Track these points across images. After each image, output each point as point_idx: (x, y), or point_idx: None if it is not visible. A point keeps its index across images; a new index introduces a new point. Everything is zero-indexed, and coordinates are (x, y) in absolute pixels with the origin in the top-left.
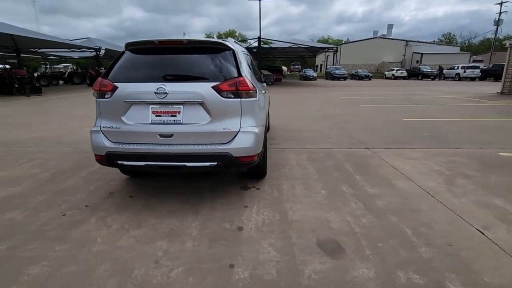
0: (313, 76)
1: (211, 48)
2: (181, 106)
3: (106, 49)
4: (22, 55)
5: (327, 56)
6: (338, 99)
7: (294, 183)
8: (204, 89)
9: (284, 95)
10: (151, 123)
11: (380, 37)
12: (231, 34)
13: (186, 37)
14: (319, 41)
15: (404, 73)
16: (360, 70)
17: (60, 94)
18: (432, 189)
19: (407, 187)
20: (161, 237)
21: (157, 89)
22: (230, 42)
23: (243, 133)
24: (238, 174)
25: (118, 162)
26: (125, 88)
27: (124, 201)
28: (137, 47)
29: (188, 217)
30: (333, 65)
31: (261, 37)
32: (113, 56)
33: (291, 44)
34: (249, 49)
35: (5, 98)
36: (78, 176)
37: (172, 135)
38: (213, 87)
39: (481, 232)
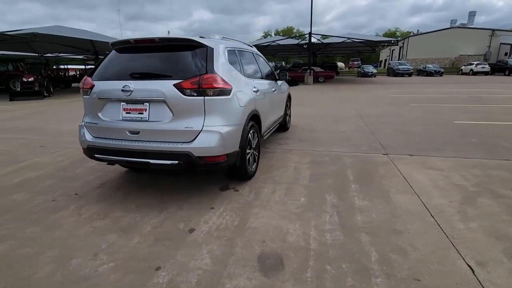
0: (372, 72)
1: (184, 45)
2: (148, 104)
3: None
4: (99, 56)
5: (392, 50)
6: (388, 97)
7: (277, 187)
8: (165, 87)
9: (327, 94)
10: (122, 120)
11: (458, 27)
12: (289, 31)
13: (169, 35)
14: (385, 34)
15: (486, 68)
16: (430, 65)
17: None
18: (437, 208)
19: (405, 203)
20: (116, 231)
21: (123, 87)
22: (206, 40)
23: (205, 132)
24: (226, 174)
25: (95, 155)
26: (99, 86)
27: (108, 192)
28: (119, 47)
29: (152, 214)
30: (398, 59)
31: (315, 33)
32: None
33: (345, 39)
34: (299, 45)
35: None
36: (86, 166)
37: (139, 132)
38: (174, 85)
39: (471, 269)
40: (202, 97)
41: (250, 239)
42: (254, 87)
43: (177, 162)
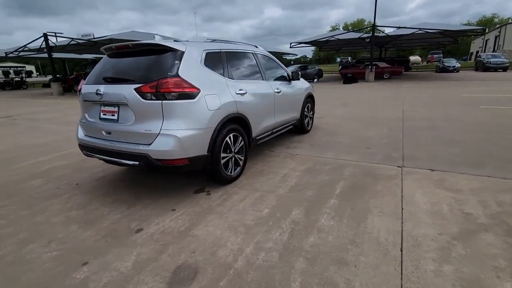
0: (453, 66)
1: (156, 50)
2: (118, 107)
3: None
4: None
5: (485, 40)
6: (456, 97)
7: (250, 195)
8: (127, 91)
9: (383, 92)
10: (100, 121)
11: None
12: (359, 23)
13: (155, 40)
14: (479, 22)
15: None
16: None
17: None
18: (415, 240)
19: (380, 229)
20: (80, 222)
21: (96, 91)
22: (178, 43)
23: (163, 136)
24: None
25: (84, 152)
26: (84, 89)
27: (102, 184)
28: (108, 52)
29: (120, 209)
30: (493, 51)
31: (384, 25)
32: None
33: (415, 30)
34: (362, 38)
35: None
36: None
37: (111, 132)
38: (135, 89)
39: None
40: (160, 101)
41: (182, 247)
42: (240, 89)
43: (137, 163)
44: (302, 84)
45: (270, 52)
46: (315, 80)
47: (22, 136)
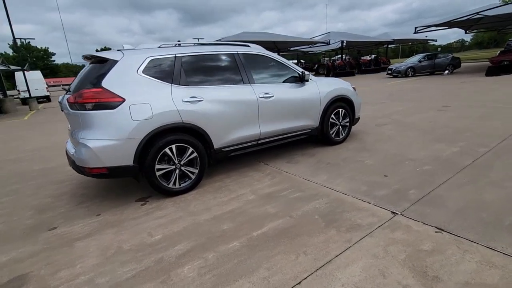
0: None
1: (99, 60)
2: (68, 116)
3: (348, 41)
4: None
5: None
6: None
7: (170, 214)
8: (65, 101)
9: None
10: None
11: None
12: None
13: (123, 49)
14: None
15: None
16: None
17: None
18: None
19: None
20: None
21: (60, 100)
22: (114, 52)
23: (80, 145)
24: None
25: None
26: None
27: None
28: (88, 62)
29: (59, 209)
30: None
31: None
32: (354, 46)
33: None
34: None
35: None
36: None
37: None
38: (67, 100)
39: None
40: (79, 111)
41: (47, 257)
42: (193, 97)
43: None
44: (324, 87)
45: (402, 40)
46: (446, 71)
47: None
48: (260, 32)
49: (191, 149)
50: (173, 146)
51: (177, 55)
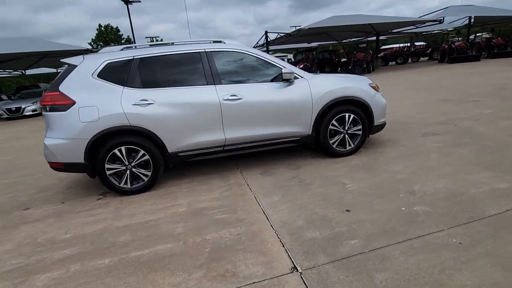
0: None
1: (67, 64)
2: None
3: (476, 17)
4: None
5: None
6: None
7: (106, 211)
8: None
9: None
10: None
11: None
12: None
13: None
14: None
15: None
16: None
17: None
18: None
19: None
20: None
21: None
22: (76, 58)
23: (44, 142)
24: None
25: None
26: None
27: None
28: None
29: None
30: None
31: None
32: (487, 23)
33: None
34: None
35: None
36: None
37: None
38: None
39: None
40: (43, 112)
41: None
42: (143, 100)
43: None
44: (319, 86)
45: None
46: None
47: None
48: (351, 15)
49: (142, 152)
50: (123, 148)
51: (134, 57)
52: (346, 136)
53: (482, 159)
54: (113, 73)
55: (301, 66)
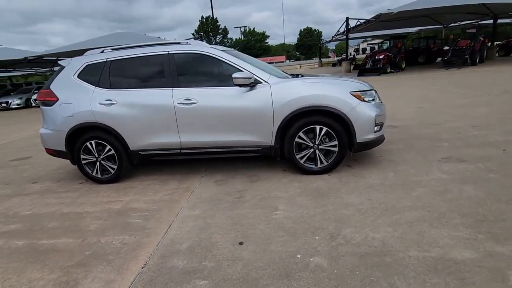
0: None
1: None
2: None
3: None
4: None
5: None
6: None
7: (67, 196)
8: None
9: None
10: None
11: None
12: None
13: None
14: None
15: None
16: None
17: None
18: None
19: None
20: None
21: None
22: (66, 60)
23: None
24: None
25: None
26: None
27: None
28: None
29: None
30: None
31: None
32: None
33: None
34: None
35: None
36: None
37: None
38: None
39: None
40: (40, 106)
41: None
42: (108, 100)
43: None
44: (284, 93)
45: None
46: None
47: None
48: None
49: (108, 147)
50: (93, 142)
51: (107, 59)
52: (317, 151)
53: (479, 209)
54: (90, 74)
55: (381, 57)
